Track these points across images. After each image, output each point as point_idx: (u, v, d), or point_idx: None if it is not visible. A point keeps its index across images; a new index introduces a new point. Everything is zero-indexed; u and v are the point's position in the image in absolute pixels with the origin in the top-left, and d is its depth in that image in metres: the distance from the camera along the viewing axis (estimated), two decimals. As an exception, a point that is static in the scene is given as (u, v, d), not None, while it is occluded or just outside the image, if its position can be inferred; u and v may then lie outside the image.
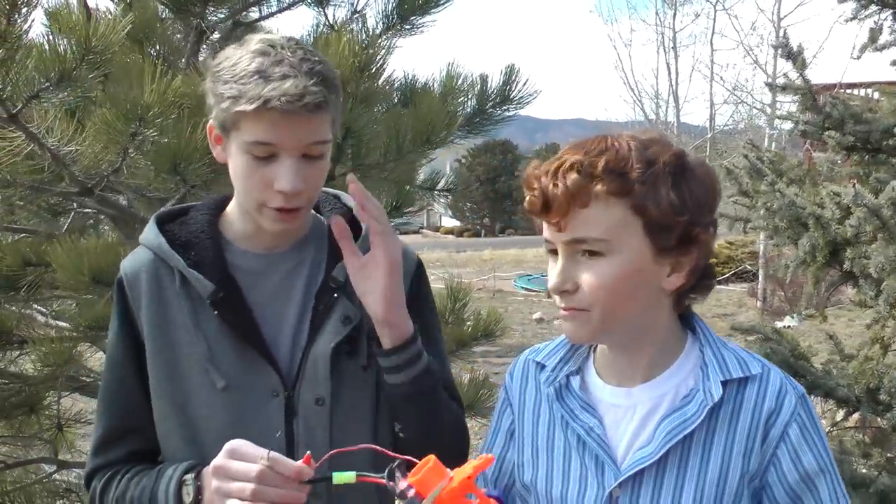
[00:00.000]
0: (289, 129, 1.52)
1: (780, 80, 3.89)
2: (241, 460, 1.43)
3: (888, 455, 3.53)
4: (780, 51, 3.85)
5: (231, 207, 1.74)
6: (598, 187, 1.38)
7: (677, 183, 1.40)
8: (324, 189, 1.79)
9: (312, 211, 1.79)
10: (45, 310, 3.93)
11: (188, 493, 1.54)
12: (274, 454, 1.41)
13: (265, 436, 1.59)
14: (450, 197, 4.60)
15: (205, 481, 1.53)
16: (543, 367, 1.61)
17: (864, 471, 3.53)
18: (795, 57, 3.83)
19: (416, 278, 1.80)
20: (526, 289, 23.05)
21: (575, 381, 1.56)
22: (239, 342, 1.63)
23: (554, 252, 1.47)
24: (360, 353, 1.67)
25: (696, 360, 1.50)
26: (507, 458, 1.66)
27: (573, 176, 1.38)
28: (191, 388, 1.64)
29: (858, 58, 3.73)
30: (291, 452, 1.60)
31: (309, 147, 1.55)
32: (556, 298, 1.47)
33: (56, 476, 3.65)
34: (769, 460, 1.44)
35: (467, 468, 1.25)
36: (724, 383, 1.44)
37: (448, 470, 1.25)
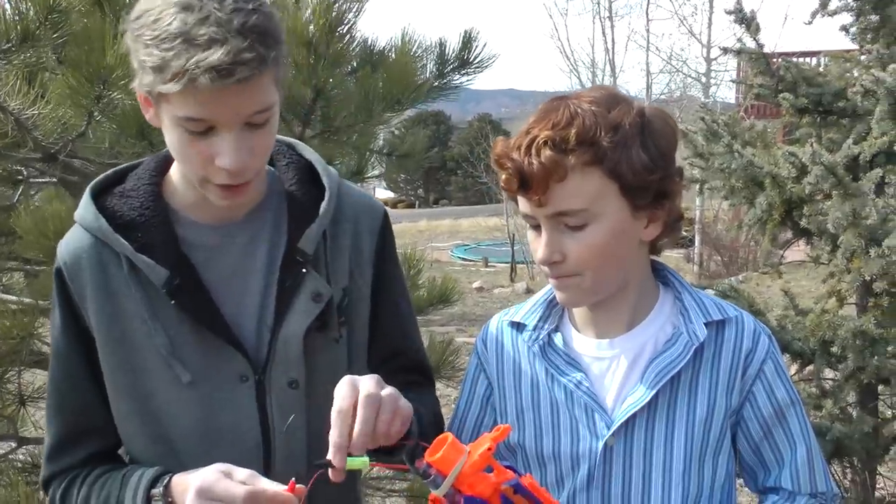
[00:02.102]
0: (222, 104, 1.33)
1: (736, 45, 3.96)
2: (215, 499, 1.30)
3: (841, 405, 3.67)
4: (733, 16, 3.93)
5: (175, 171, 1.56)
6: (573, 160, 1.41)
7: (644, 141, 1.44)
8: (277, 137, 1.61)
9: (267, 165, 1.63)
10: (-8, 283, 3.83)
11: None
12: (252, 488, 1.28)
13: (238, 426, 1.51)
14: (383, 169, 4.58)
15: (175, 492, 1.42)
16: (522, 327, 1.63)
17: (817, 421, 3.66)
18: (749, 22, 3.92)
19: (381, 233, 1.67)
20: (463, 259, 23.14)
21: (557, 338, 1.58)
22: (200, 330, 1.49)
23: (535, 225, 1.49)
24: (331, 325, 1.55)
25: (672, 308, 1.56)
26: (484, 423, 1.67)
27: (547, 152, 1.41)
28: (153, 383, 1.50)
29: (810, 23, 3.83)
30: (267, 438, 1.52)
31: (251, 117, 1.37)
32: (546, 269, 1.51)
33: (15, 454, 3.56)
34: (745, 396, 1.52)
35: (484, 441, 1.23)
36: (706, 325, 1.51)
37: (464, 445, 1.23)
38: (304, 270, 1.53)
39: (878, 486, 4.17)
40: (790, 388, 1.55)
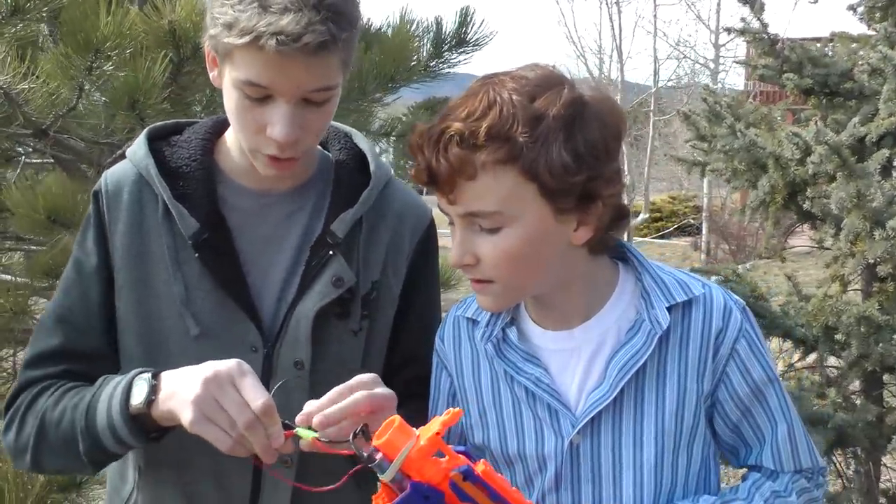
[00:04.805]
0: (284, 73, 1.34)
1: (737, 25, 3.90)
2: (241, 391, 1.30)
3: (844, 393, 3.61)
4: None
5: (230, 133, 1.57)
6: (483, 157, 1.28)
7: (570, 136, 1.29)
8: (334, 124, 1.64)
9: (319, 147, 1.63)
10: (-9, 264, 3.82)
11: (140, 393, 1.36)
12: (270, 404, 1.29)
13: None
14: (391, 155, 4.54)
15: (163, 383, 1.36)
16: (476, 322, 1.51)
17: (818, 409, 3.60)
18: (753, 1, 3.85)
19: (424, 237, 1.65)
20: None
21: (512, 333, 1.46)
22: (219, 289, 1.49)
23: (452, 222, 1.39)
24: (352, 316, 1.54)
25: (633, 290, 1.45)
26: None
27: (454, 149, 1.29)
28: (164, 331, 1.50)
29: (815, 1, 3.76)
30: None
31: (310, 93, 1.38)
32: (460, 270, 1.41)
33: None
34: (719, 378, 1.42)
35: (434, 425, 1.17)
36: (670, 309, 1.40)
37: (413, 429, 1.18)
38: (330, 253, 1.52)
39: (883, 477, 4.11)
40: (767, 366, 1.44)
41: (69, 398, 1.47)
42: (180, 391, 1.32)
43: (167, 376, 1.37)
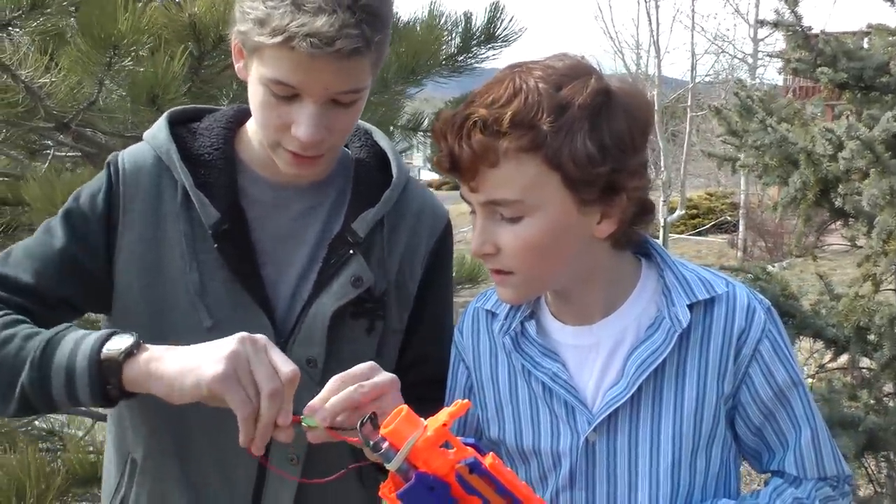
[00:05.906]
0: (314, 75, 1.34)
1: (771, 17, 3.81)
2: (271, 357, 1.26)
3: (876, 395, 3.52)
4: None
5: (252, 125, 1.56)
6: (506, 144, 1.27)
7: (595, 126, 1.27)
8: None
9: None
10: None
11: (121, 343, 1.30)
12: (297, 374, 1.26)
13: None
14: (429, 150, 4.52)
15: (148, 346, 1.31)
16: (494, 315, 1.50)
17: (850, 411, 3.52)
18: (787, -7, 3.76)
19: (441, 237, 1.64)
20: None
21: (531, 327, 1.45)
22: (234, 282, 1.48)
23: (473, 210, 1.37)
24: (368, 316, 1.54)
25: (655, 286, 1.42)
26: (469, 413, 1.54)
27: (478, 135, 1.28)
28: (175, 321, 1.48)
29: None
30: None
31: (338, 95, 1.38)
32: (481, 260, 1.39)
33: (36, 422, 3.60)
34: (741, 379, 1.40)
35: (441, 416, 1.18)
36: (691, 307, 1.37)
37: (421, 419, 1.18)
38: (350, 252, 1.51)
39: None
40: (792, 369, 1.41)
41: (23, 327, 1.38)
42: (191, 355, 1.28)
43: (154, 346, 1.32)
